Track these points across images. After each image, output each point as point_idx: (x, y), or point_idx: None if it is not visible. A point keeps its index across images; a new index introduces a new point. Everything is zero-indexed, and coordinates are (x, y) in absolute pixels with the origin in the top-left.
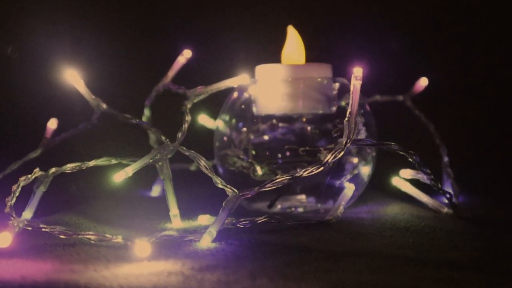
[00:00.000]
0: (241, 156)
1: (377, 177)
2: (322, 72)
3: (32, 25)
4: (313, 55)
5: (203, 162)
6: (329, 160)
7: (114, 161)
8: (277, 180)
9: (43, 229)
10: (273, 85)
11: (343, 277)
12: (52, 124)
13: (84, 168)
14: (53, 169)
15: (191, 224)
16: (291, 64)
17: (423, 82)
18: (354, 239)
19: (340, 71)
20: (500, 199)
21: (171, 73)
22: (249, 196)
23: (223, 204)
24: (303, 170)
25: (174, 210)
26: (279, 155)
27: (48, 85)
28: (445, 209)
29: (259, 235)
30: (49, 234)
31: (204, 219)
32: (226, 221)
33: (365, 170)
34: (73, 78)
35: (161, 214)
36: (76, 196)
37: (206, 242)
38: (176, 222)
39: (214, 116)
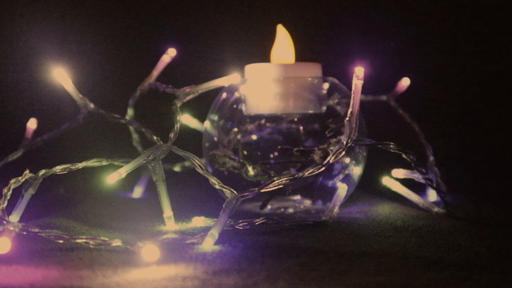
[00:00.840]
0: (232, 156)
1: (363, 177)
2: (312, 71)
3: (20, 24)
4: (301, 54)
5: (198, 163)
6: (331, 161)
7: (105, 162)
8: (277, 181)
9: (39, 234)
10: (263, 85)
11: (361, 279)
12: (32, 124)
13: (74, 169)
14: (42, 171)
15: (185, 226)
16: (281, 63)
17: (405, 82)
18: (356, 239)
19: (329, 70)
20: (486, 197)
21: (156, 72)
22: (249, 197)
23: (223, 206)
24: (305, 170)
25: (168, 212)
26: (271, 155)
27: (32, 84)
28: (436, 208)
29: (260, 236)
30: (44, 239)
31: (199, 221)
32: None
33: (356, 170)
34: (60, 76)
35: (152, 216)
36: (62, 199)
37: (208, 244)
38: (170, 224)
39: (198, 116)
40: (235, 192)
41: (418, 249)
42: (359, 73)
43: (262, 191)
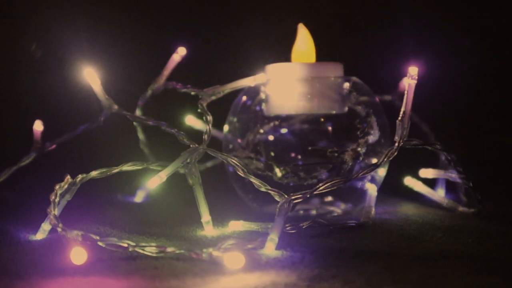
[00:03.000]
0: (252, 157)
1: None
2: (334, 71)
3: (49, 23)
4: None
5: (238, 165)
6: (384, 161)
7: (141, 166)
8: (330, 183)
9: (98, 242)
10: (286, 85)
11: (453, 280)
12: (38, 126)
13: (110, 174)
14: (80, 176)
15: (224, 231)
16: (304, 62)
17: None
18: (410, 241)
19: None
20: (500, 195)
21: (166, 71)
22: (301, 200)
23: (277, 210)
24: (361, 171)
25: (206, 216)
26: (299, 157)
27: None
28: (460, 208)
29: (313, 240)
30: (99, 247)
31: (237, 225)
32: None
33: (381, 172)
34: (90, 76)
35: (183, 220)
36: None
37: (270, 249)
38: (209, 229)
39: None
40: (285, 195)
41: (479, 249)
42: (412, 72)
43: (315, 193)
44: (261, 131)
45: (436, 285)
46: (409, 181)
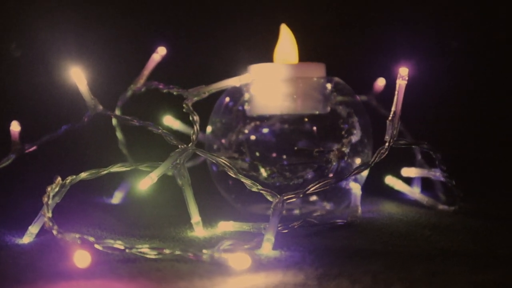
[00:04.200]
0: (235, 157)
1: None
2: (317, 71)
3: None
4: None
5: (228, 165)
6: (375, 161)
7: (130, 167)
8: (322, 183)
9: (95, 245)
10: (270, 85)
11: (455, 277)
12: (15, 126)
13: (99, 175)
14: (69, 178)
15: (214, 231)
16: (287, 63)
17: (380, 82)
18: (401, 239)
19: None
20: (475, 192)
21: (147, 71)
22: (294, 199)
23: (271, 209)
24: (353, 170)
25: (196, 217)
26: (284, 157)
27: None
28: (440, 205)
29: (308, 239)
30: (94, 250)
31: (227, 226)
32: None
33: (365, 172)
34: (76, 76)
35: (171, 221)
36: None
37: (267, 249)
38: (199, 230)
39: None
40: (278, 195)
41: (471, 247)
42: (403, 73)
43: (308, 193)
44: (246, 131)
45: (442, 282)
46: (390, 180)
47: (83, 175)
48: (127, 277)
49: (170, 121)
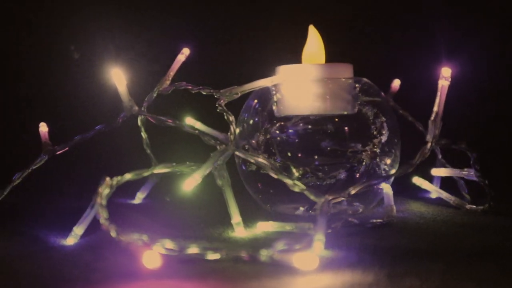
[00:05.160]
0: (265, 157)
1: None
2: (345, 71)
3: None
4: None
5: (271, 166)
6: (418, 160)
7: (171, 169)
8: (369, 183)
9: (155, 246)
10: (299, 85)
11: None
12: (44, 127)
13: (142, 176)
14: (115, 179)
15: (254, 232)
16: (316, 64)
17: (396, 83)
18: (445, 238)
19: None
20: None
21: (172, 72)
22: (338, 200)
23: (318, 210)
24: (397, 170)
25: (236, 217)
26: (316, 157)
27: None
28: (467, 205)
29: (353, 238)
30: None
31: (267, 226)
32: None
33: (393, 171)
34: (117, 77)
35: (206, 221)
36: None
37: (319, 249)
38: (239, 231)
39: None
40: (323, 195)
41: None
42: (445, 73)
43: (353, 192)
44: (277, 131)
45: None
46: (416, 180)
47: (128, 176)
48: (197, 278)
49: (191, 122)
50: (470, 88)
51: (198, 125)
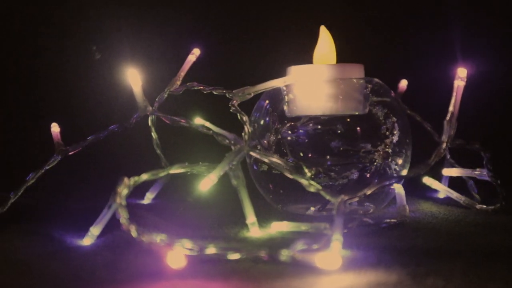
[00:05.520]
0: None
1: None
2: (357, 72)
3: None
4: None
5: (285, 165)
6: (434, 160)
7: (188, 169)
8: (384, 183)
9: (176, 246)
10: (311, 86)
11: None
12: (55, 128)
13: (159, 176)
14: (132, 180)
15: (269, 232)
16: (327, 64)
17: (403, 83)
18: (459, 238)
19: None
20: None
21: (182, 72)
22: (354, 200)
23: (334, 211)
24: (412, 170)
25: (251, 217)
26: (328, 157)
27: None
28: (477, 205)
29: (369, 238)
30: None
31: (281, 226)
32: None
33: (404, 171)
34: (133, 77)
35: (220, 221)
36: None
37: (337, 249)
38: (255, 231)
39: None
40: (339, 195)
41: None
42: (461, 74)
43: (368, 193)
44: (289, 131)
45: None
46: (427, 180)
47: (145, 176)
48: (221, 278)
49: (200, 122)
50: (482, 88)
51: (207, 125)
